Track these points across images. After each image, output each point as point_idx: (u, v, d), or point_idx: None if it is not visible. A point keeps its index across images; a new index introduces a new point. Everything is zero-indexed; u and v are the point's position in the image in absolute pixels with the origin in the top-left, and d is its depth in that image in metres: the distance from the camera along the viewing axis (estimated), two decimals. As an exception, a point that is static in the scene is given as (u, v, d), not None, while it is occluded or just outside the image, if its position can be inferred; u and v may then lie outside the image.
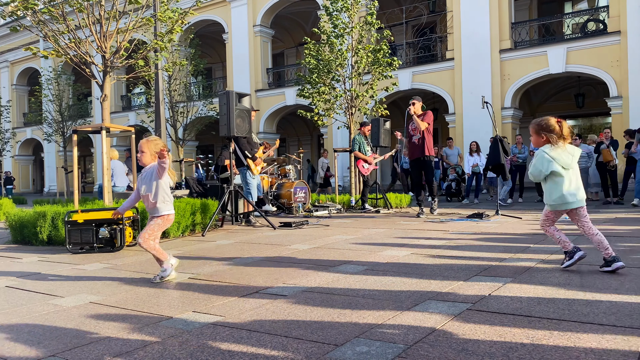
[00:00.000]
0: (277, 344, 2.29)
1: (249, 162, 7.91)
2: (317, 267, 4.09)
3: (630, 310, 2.62)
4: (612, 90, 14.67)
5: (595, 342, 2.18)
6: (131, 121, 24.60)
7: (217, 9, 22.24)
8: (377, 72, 11.25)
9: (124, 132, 7.33)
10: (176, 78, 19.11)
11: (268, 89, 21.51)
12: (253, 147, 8.01)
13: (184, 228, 6.59)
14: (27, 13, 7.19)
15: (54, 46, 7.28)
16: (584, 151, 10.62)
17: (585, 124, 19.91)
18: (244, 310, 2.87)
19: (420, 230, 6.42)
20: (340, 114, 11.81)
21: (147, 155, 3.80)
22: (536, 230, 6.07)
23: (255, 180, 8.05)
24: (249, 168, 7.94)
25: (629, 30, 14.26)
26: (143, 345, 2.33)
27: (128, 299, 3.23)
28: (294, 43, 25.07)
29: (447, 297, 3.01)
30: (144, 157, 3.81)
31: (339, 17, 11.10)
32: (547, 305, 2.77)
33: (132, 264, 4.59)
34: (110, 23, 7.11)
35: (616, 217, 7.49)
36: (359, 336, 2.35)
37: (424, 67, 17.95)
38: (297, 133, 26.32)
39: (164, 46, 7.59)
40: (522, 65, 16.00)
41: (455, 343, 2.23)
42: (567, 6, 19.77)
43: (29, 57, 28.30)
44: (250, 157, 7.89)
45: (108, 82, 7.11)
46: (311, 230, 6.72)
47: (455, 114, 17.09)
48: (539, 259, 4.17)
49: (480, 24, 16.49)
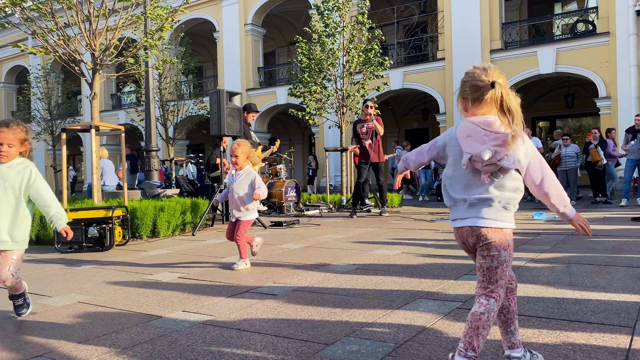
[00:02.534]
0: (267, 344, 2.28)
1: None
2: (308, 266, 4.09)
3: (618, 309, 2.64)
4: (601, 91, 14.80)
5: (583, 339, 2.20)
6: (121, 120, 24.42)
7: (208, 7, 22.14)
8: (368, 72, 11.26)
9: (114, 131, 7.27)
10: (167, 76, 18.99)
11: (259, 88, 21.45)
12: (253, 147, 7.96)
13: (174, 227, 6.55)
14: (16, 10, 7.11)
15: (42, 44, 7.21)
16: (573, 151, 10.71)
17: (575, 124, 20.06)
18: (234, 310, 2.86)
19: (410, 230, 6.43)
20: (332, 114, 11.81)
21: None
22: (526, 230, 6.11)
23: None
24: None
25: (617, 31, 14.39)
26: (132, 345, 2.31)
27: (117, 299, 3.21)
28: (285, 42, 25.03)
29: (437, 296, 3.01)
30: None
31: (330, 16, 11.10)
32: (536, 303, 2.79)
33: (121, 264, 4.56)
34: (100, 21, 7.05)
35: (604, 216, 7.55)
36: (349, 335, 2.35)
37: (415, 67, 17.99)
38: (289, 132, 26.28)
39: (154, 44, 7.54)
40: (512, 65, 16.09)
41: (445, 342, 2.23)
42: (557, 7, 19.91)
43: (17, 55, 28.00)
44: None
45: (97, 81, 7.06)
46: (302, 230, 6.71)
47: (446, 113, 17.15)
48: (529, 257, 4.19)
49: (471, 24, 16.55)
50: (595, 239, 5.10)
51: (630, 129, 9.77)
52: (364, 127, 8.66)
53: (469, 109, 1.86)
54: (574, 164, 10.72)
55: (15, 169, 2.71)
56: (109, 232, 5.45)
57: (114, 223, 5.50)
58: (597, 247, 4.63)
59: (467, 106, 1.86)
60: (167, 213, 6.39)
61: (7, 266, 2.70)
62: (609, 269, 3.60)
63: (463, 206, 1.84)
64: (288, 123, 25.32)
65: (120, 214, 5.73)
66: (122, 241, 5.72)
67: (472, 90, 1.83)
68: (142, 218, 6.12)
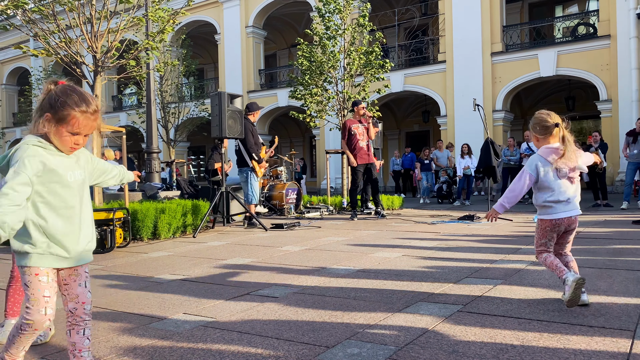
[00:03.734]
0: (268, 346, 2.28)
1: (254, 164, 7.66)
2: (309, 269, 4.09)
3: (619, 312, 2.64)
4: (601, 94, 14.81)
5: (584, 343, 2.20)
6: (122, 122, 24.45)
7: (209, 9, 22.18)
8: (369, 74, 11.27)
9: (115, 133, 7.29)
10: (168, 79, 19.02)
11: (260, 90, 21.47)
12: (259, 148, 7.83)
13: (175, 229, 6.55)
14: (17, 12, 7.13)
15: (44, 45, 7.23)
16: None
17: (576, 127, 20.07)
18: (235, 312, 2.86)
19: (411, 232, 6.43)
20: (333, 116, 11.82)
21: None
22: (527, 232, 6.10)
23: (257, 182, 7.89)
24: (253, 170, 7.69)
25: (618, 34, 14.40)
26: (133, 347, 2.31)
27: (118, 300, 3.21)
28: (286, 44, 25.06)
29: (438, 299, 3.01)
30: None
31: (331, 18, 11.12)
32: (538, 306, 2.79)
33: (122, 265, 4.56)
34: (101, 23, 7.07)
35: (605, 219, 7.55)
36: (350, 338, 2.35)
37: (416, 70, 18.01)
38: (289, 134, 26.29)
39: (155, 46, 7.56)
40: (513, 68, 16.10)
41: (446, 345, 2.23)
42: (557, 10, 19.92)
43: (18, 57, 28.04)
44: (257, 159, 7.66)
45: (99, 83, 7.07)
46: (303, 232, 6.71)
47: (447, 116, 17.16)
48: (530, 260, 4.19)
49: (472, 27, 16.57)
50: (596, 243, 5.10)
51: (631, 132, 9.76)
52: (360, 127, 8.54)
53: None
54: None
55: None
56: (110, 234, 5.45)
57: (115, 225, 5.50)
58: (598, 250, 4.63)
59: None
60: (168, 215, 6.40)
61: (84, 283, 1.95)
62: (609, 272, 3.60)
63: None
64: (289, 125, 25.33)
65: (121, 215, 5.74)
66: (123, 243, 5.72)
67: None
68: (143, 220, 6.12)
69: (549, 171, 2.82)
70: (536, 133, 2.90)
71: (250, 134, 7.67)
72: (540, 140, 2.89)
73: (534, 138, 2.94)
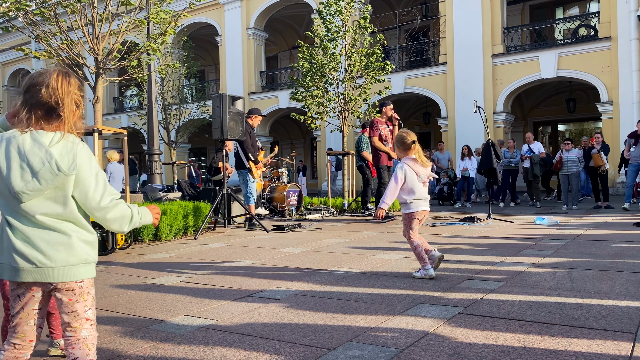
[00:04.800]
0: (269, 348, 2.28)
1: (251, 165, 7.78)
2: (310, 271, 4.09)
3: (620, 314, 2.64)
4: (602, 96, 14.80)
5: (585, 346, 2.20)
6: (123, 123, 24.47)
7: (210, 11, 22.20)
8: (370, 76, 11.28)
9: (116, 134, 7.29)
10: (169, 80, 19.04)
11: (261, 92, 21.48)
12: (256, 151, 7.94)
13: (176, 231, 6.56)
14: (19, 14, 7.15)
15: (45, 47, 7.24)
16: (575, 156, 10.70)
17: (577, 129, 20.05)
18: (237, 314, 2.86)
19: (412, 234, 6.43)
20: (334, 117, 11.82)
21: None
22: (527, 235, 6.10)
23: (254, 183, 7.98)
24: (250, 171, 7.82)
25: (619, 36, 14.39)
26: (135, 350, 2.32)
27: (119, 303, 3.21)
28: (287, 46, 25.07)
29: (439, 301, 3.01)
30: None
31: (332, 20, 11.13)
32: (538, 309, 2.79)
33: (123, 267, 4.57)
34: (103, 25, 7.08)
35: (606, 221, 7.54)
36: (351, 340, 2.35)
37: (417, 71, 18.01)
38: (290, 136, 26.30)
39: (156, 48, 7.57)
40: (514, 70, 16.10)
41: (447, 347, 2.24)
42: (558, 12, 19.92)
43: (20, 58, 28.09)
44: (253, 160, 7.78)
45: (100, 84, 7.08)
46: (304, 234, 6.71)
47: (448, 117, 17.16)
48: (530, 262, 4.19)
49: (473, 28, 16.58)
50: (597, 245, 5.10)
51: (633, 134, 9.75)
52: (386, 129, 8.46)
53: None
54: (576, 168, 10.70)
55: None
56: (111, 235, 5.45)
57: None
58: (599, 252, 4.62)
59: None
60: (169, 216, 6.40)
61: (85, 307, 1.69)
62: (611, 275, 3.60)
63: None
64: (290, 127, 25.34)
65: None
66: (124, 244, 5.73)
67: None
68: (144, 221, 6.12)
69: (413, 175, 3.71)
70: (398, 148, 3.81)
71: (247, 136, 7.73)
72: (401, 152, 3.80)
73: (398, 150, 3.84)
